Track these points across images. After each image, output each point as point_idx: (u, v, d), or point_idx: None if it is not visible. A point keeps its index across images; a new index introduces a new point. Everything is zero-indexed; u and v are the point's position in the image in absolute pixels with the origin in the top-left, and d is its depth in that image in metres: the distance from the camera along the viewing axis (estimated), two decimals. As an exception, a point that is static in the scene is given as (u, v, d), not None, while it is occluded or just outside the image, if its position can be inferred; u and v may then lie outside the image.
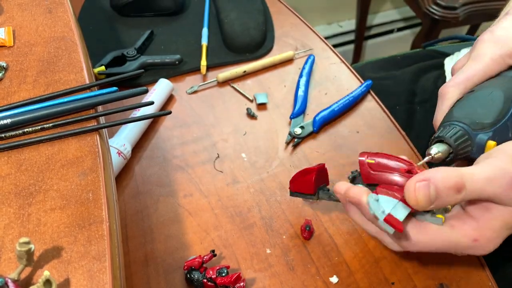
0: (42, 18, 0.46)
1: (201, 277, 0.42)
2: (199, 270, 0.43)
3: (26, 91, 0.39)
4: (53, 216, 0.32)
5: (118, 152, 0.51)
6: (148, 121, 0.57)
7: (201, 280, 0.42)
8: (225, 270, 0.42)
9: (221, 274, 0.42)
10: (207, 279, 0.42)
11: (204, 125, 0.58)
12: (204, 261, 0.43)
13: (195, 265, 0.43)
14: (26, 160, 0.35)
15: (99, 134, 0.37)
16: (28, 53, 0.42)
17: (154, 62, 0.64)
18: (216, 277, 0.42)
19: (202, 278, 0.42)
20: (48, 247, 0.30)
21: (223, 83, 0.63)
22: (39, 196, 0.33)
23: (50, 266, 0.29)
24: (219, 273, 0.42)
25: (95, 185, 0.33)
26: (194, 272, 0.43)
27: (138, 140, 0.55)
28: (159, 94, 0.59)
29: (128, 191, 0.51)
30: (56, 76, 0.41)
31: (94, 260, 0.29)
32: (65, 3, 0.48)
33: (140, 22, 0.72)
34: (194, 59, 0.66)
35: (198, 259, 0.43)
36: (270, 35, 0.71)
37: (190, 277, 0.43)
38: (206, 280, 0.42)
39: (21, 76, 0.40)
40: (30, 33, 0.44)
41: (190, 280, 0.43)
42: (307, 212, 0.50)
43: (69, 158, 0.35)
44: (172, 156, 0.55)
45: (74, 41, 0.44)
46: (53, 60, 0.42)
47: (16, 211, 0.32)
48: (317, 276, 0.45)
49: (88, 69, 0.42)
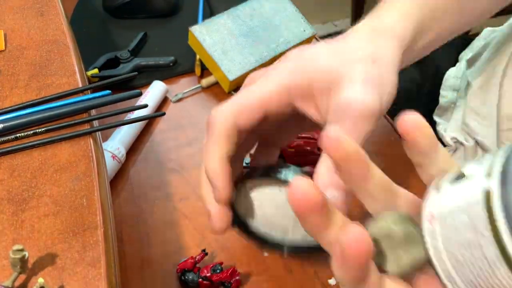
0: (33, 21, 0.45)
1: (196, 278, 0.42)
2: (193, 270, 0.43)
3: (18, 96, 0.39)
4: (47, 222, 0.31)
5: (113, 156, 0.50)
6: (142, 124, 0.56)
7: (196, 280, 0.42)
8: (219, 267, 0.42)
9: (215, 271, 0.42)
10: (202, 278, 0.42)
11: (199, 127, 0.58)
12: (197, 261, 0.43)
13: (188, 266, 0.43)
14: (19, 165, 0.34)
15: (93, 138, 0.37)
16: (19, 57, 0.42)
17: (148, 64, 0.63)
18: (211, 274, 0.42)
19: (197, 278, 0.42)
20: (42, 254, 0.30)
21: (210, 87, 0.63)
22: (32, 202, 0.32)
23: (44, 273, 0.29)
24: (214, 270, 0.42)
25: (89, 190, 0.33)
26: (188, 274, 0.43)
27: (132, 143, 0.55)
28: (153, 96, 0.58)
29: (123, 195, 0.51)
30: (48, 80, 0.40)
31: (89, 266, 0.29)
32: (57, 6, 0.47)
33: (133, 24, 0.71)
34: (188, 61, 0.65)
35: (191, 260, 0.43)
36: (265, 36, 0.70)
37: (184, 279, 0.43)
38: (201, 280, 0.42)
39: (12, 81, 0.40)
40: (21, 36, 0.44)
41: (185, 282, 0.43)
42: (304, 213, 0.49)
43: (62, 163, 0.34)
44: (168, 159, 0.54)
45: (66, 44, 0.43)
46: (45, 63, 0.41)
47: (9, 218, 0.31)
48: (315, 278, 0.44)
49: (80, 73, 0.42)
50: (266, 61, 0.60)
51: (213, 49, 0.59)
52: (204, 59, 0.61)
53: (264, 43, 0.62)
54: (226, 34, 0.61)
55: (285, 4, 0.65)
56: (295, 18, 0.65)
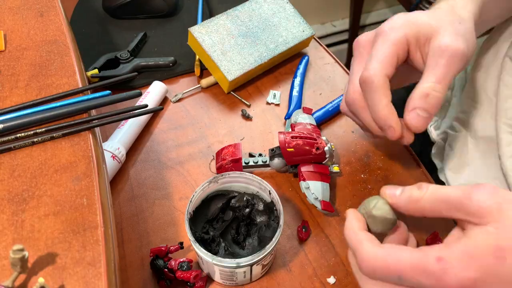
0: (33, 22, 0.45)
1: (162, 266, 0.43)
2: (163, 258, 0.44)
3: (18, 96, 0.39)
4: (47, 222, 0.31)
5: (113, 156, 0.51)
6: (142, 123, 0.56)
7: (161, 268, 0.43)
8: (186, 264, 0.42)
9: (182, 268, 0.42)
10: (168, 269, 0.43)
11: (199, 127, 0.58)
12: (170, 251, 0.44)
13: (160, 253, 0.44)
14: (19, 165, 0.34)
15: (93, 137, 0.37)
16: (20, 57, 0.42)
17: (148, 64, 0.64)
18: (177, 269, 0.42)
19: (163, 267, 0.43)
20: (42, 253, 0.30)
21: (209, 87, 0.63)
22: (32, 202, 0.32)
23: (44, 272, 0.29)
24: (181, 266, 0.42)
25: (89, 190, 0.33)
26: (158, 260, 0.44)
27: (132, 143, 0.55)
28: (152, 96, 0.58)
29: (123, 195, 0.51)
30: (48, 80, 0.40)
31: (89, 266, 0.29)
32: (56, 6, 0.47)
33: (133, 24, 0.71)
34: (188, 61, 0.65)
35: (164, 248, 0.44)
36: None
37: (154, 263, 0.44)
38: (167, 270, 0.43)
39: (13, 81, 0.40)
40: (21, 37, 0.44)
41: (154, 266, 0.44)
42: (303, 213, 0.50)
43: (62, 163, 0.35)
44: (167, 158, 0.54)
45: (66, 45, 0.43)
46: (45, 64, 0.41)
47: (10, 218, 0.31)
48: (314, 277, 0.45)
49: (80, 73, 0.42)
50: (265, 61, 0.60)
51: (212, 50, 0.59)
52: (204, 60, 0.61)
53: (263, 44, 0.62)
54: (225, 34, 0.61)
55: (284, 4, 0.65)
56: (294, 18, 0.65)
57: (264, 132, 0.58)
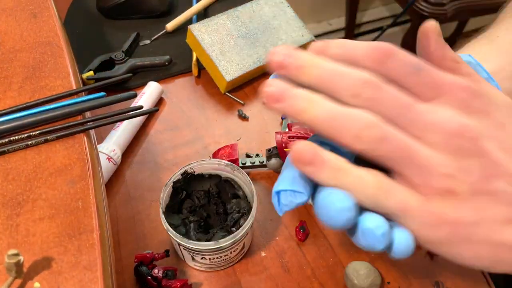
0: (26, 23, 0.45)
1: (146, 273, 0.42)
2: (147, 265, 0.43)
3: (12, 98, 0.38)
4: (42, 226, 0.31)
5: (108, 158, 0.50)
6: (137, 125, 0.56)
7: (145, 275, 0.42)
8: (171, 272, 0.42)
9: (166, 276, 0.42)
10: (152, 277, 0.42)
11: (195, 127, 0.58)
12: (155, 258, 0.43)
13: (144, 259, 0.43)
14: (13, 169, 0.34)
15: (88, 139, 0.36)
16: (13, 59, 0.41)
17: (144, 64, 0.63)
18: (162, 277, 0.42)
19: (147, 274, 0.42)
20: (38, 258, 0.29)
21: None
22: (27, 206, 0.32)
23: (40, 277, 0.29)
24: (166, 274, 0.42)
25: (85, 193, 0.33)
26: (142, 267, 0.43)
27: (128, 144, 0.55)
28: (148, 97, 0.58)
29: (119, 197, 0.50)
30: (42, 82, 0.40)
31: (85, 270, 0.29)
32: (50, 7, 0.47)
33: (127, 24, 0.71)
34: (183, 61, 0.65)
35: (149, 255, 0.43)
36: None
37: (138, 269, 0.43)
38: (150, 278, 0.42)
39: (6, 83, 0.40)
40: (14, 38, 0.43)
41: (138, 274, 0.43)
42: (301, 213, 0.49)
43: (57, 166, 0.34)
44: (164, 160, 0.54)
45: (60, 46, 0.43)
46: (38, 66, 0.41)
47: (4, 222, 0.31)
48: (312, 277, 0.44)
49: (75, 74, 0.41)
50: (263, 63, 0.60)
51: (212, 49, 0.59)
52: (202, 59, 0.61)
53: (263, 46, 0.61)
54: (225, 34, 0.61)
55: (285, 8, 0.65)
56: (294, 22, 0.65)
57: (261, 132, 0.57)
